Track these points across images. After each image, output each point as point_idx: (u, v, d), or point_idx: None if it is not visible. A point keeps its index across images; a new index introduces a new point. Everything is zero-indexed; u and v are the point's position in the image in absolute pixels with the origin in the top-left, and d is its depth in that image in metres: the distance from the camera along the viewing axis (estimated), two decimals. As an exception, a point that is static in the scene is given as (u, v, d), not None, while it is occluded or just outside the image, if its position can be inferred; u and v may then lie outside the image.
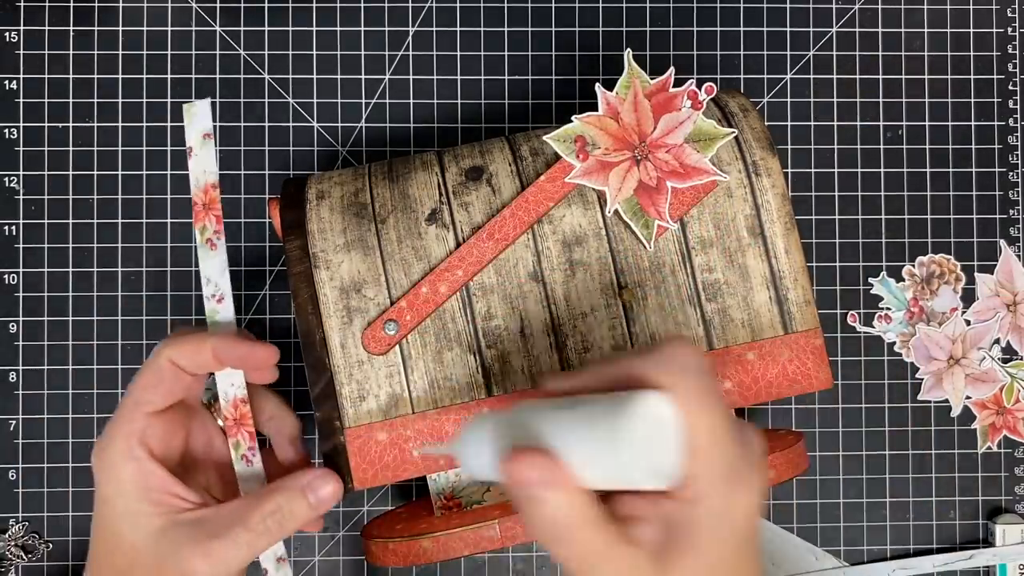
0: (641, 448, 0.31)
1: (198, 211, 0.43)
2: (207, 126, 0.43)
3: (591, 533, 0.33)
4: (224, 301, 0.43)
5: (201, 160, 0.43)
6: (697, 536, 0.33)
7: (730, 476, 0.33)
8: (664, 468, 0.32)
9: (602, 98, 0.43)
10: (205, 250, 0.43)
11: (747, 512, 0.33)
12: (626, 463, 0.31)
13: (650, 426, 0.31)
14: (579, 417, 0.32)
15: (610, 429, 0.31)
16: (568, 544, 0.33)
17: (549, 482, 0.32)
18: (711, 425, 0.32)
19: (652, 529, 0.33)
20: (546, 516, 0.33)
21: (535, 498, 0.33)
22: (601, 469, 0.32)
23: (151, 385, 0.41)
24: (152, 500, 0.40)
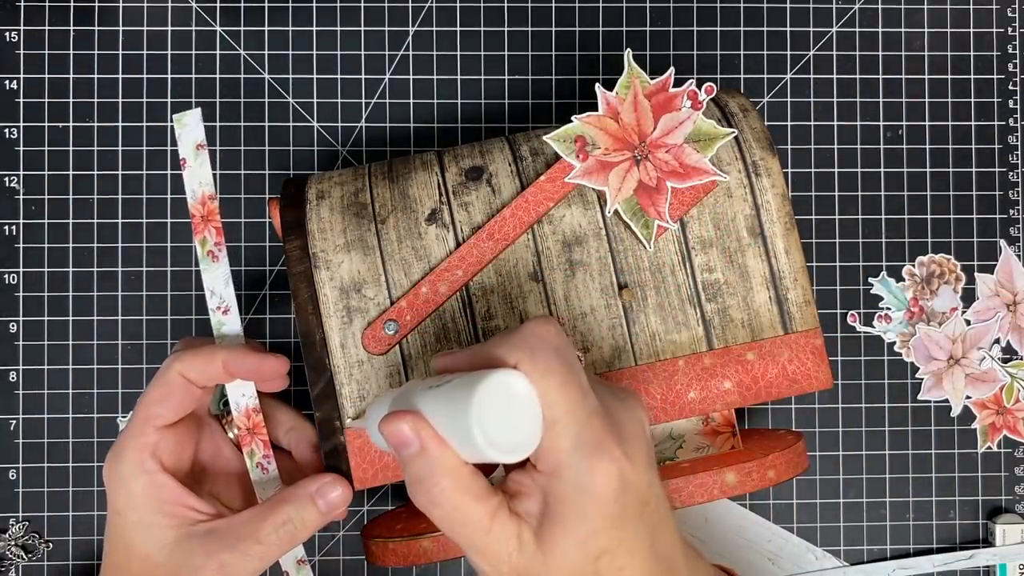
0: (491, 422, 0.32)
1: (197, 223, 0.43)
2: (199, 136, 0.43)
3: (470, 502, 0.33)
4: (230, 312, 0.43)
5: (196, 172, 0.43)
6: (563, 508, 0.33)
7: (588, 447, 0.32)
8: (518, 442, 0.32)
9: (602, 98, 0.43)
10: (207, 262, 0.43)
11: (610, 484, 0.32)
12: (476, 437, 0.31)
13: (501, 400, 0.32)
14: (442, 394, 0.34)
15: (464, 402, 0.32)
16: (442, 507, 0.33)
17: (420, 440, 0.33)
18: (563, 397, 0.33)
19: (533, 502, 0.34)
20: (422, 474, 0.34)
21: (410, 457, 0.34)
22: (462, 443, 0.33)
23: (162, 399, 0.41)
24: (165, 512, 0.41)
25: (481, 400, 0.32)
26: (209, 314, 0.43)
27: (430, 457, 0.33)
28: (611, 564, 0.33)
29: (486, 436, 0.31)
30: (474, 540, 0.33)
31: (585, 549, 0.33)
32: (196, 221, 0.43)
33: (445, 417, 0.33)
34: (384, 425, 0.34)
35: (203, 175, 0.43)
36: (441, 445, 0.33)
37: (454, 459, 0.33)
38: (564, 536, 0.33)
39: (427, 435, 0.33)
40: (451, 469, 0.33)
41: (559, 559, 0.33)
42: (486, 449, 0.31)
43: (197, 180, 0.43)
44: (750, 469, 0.41)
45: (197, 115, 0.43)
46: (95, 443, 0.53)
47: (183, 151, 0.43)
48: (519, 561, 0.33)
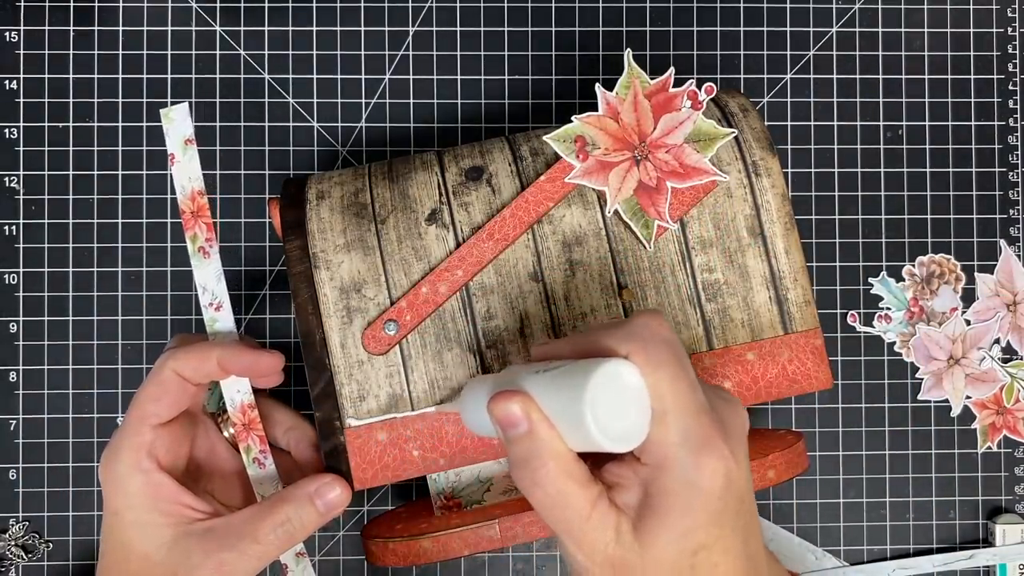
0: (603, 410, 0.32)
1: (187, 219, 0.43)
2: (188, 131, 0.43)
3: (574, 487, 0.33)
4: (223, 309, 0.43)
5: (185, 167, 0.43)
6: (667, 502, 0.33)
7: (696, 443, 0.33)
8: (627, 433, 0.32)
9: (602, 98, 0.43)
10: (199, 258, 0.43)
11: (716, 480, 0.33)
12: (588, 424, 0.31)
13: (612, 390, 0.32)
14: (553, 379, 0.34)
15: (576, 390, 0.32)
16: (545, 490, 0.33)
17: (528, 421, 0.33)
18: (673, 392, 0.33)
19: (632, 495, 0.34)
20: (528, 455, 0.33)
21: (517, 437, 0.34)
22: (571, 429, 0.33)
23: (156, 397, 0.41)
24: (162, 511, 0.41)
25: (595, 388, 0.32)
26: (202, 311, 0.43)
27: (537, 439, 0.33)
28: (707, 560, 0.33)
29: (598, 423, 0.32)
30: (572, 526, 0.33)
31: (684, 543, 0.33)
32: (186, 217, 0.43)
33: (554, 402, 0.33)
34: (494, 404, 0.34)
35: (192, 170, 0.43)
36: (550, 428, 0.33)
37: (561, 443, 0.33)
38: (664, 529, 0.33)
39: (536, 417, 0.33)
40: (558, 453, 0.33)
41: (657, 552, 0.33)
42: (597, 436, 0.31)
43: (186, 176, 0.43)
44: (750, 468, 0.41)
45: (184, 110, 0.43)
46: (95, 443, 0.53)
47: (171, 146, 0.43)
48: (615, 551, 0.33)
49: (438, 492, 0.45)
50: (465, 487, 0.45)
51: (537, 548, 0.54)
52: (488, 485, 0.45)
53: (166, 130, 0.43)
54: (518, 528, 0.41)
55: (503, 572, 0.54)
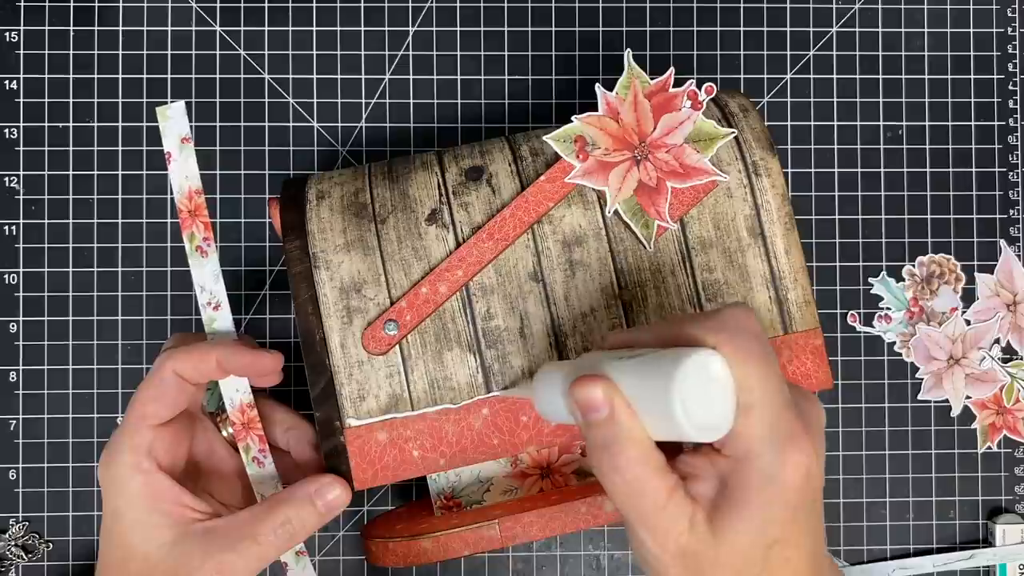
0: (691, 400, 0.32)
1: (184, 218, 0.43)
2: (184, 129, 0.43)
3: (653, 474, 0.33)
4: (221, 308, 0.43)
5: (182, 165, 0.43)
6: (747, 495, 0.33)
7: (781, 437, 0.33)
8: (714, 423, 0.32)
9: (602, 98, 0.43)
10: (196, 257, 0.43)
11: (798, 475, 0.33)
12: (677, 413, 0.32)
13: (701, 380, 0.32)
14: (637, 366, 0.34)
15: (664, 378, 0.32)
16: (624, 476, 0.33)
17: (610, 406, 0.33)
18: (761, 385, 0.33)
19: (708, 486, 0.34)
20: (608, 440, 0.33)
21: (597, 421, 0.34)
22: (655, 417, 0.33)
23: (156, 398, 0.41)
24: (162, 511, 0.40)
25: (684, 377, 0.32)
26: (200, 310, 0.43)
27: (619, 424, 0.33)
28: (780, 554, 0.33)
29: (687, 412, 0.32)
30: (647, 514, 0.33)
31: (760, 537, 0.33)
32: (183, 216, 0.43)
33: (639, 389, 0.33)
34: (576, 387, 0.34)
35: (189, 169, 0.43)
36: (632, 414, 0.33)
37: (641, 430, 0.33)
38: (741, 522, 0.33)
39: (619, 403, 0.33)
40: (638, 440, 0.33)
41: (731, 544, 0.33)
42: (684, 425, 0.32)
43: (183, 174, 0.43)
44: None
45: (181, 108, 0.43)
46: (95, 443, 0.53)
47: (168, 145, 0.43)
48: (688, 541, 0.33)
49: (438, 492, 0.45)
50: (465, 487, 0.45)
51: (537, 548, 0.54)
52: (488, 485, 0.45)
53: (163, 128, 0.42)
54: (518, 528, 0.41)
55: (503, 572, 0.54)
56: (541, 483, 0.45)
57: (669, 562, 0.34)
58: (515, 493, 0.45)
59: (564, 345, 0.42)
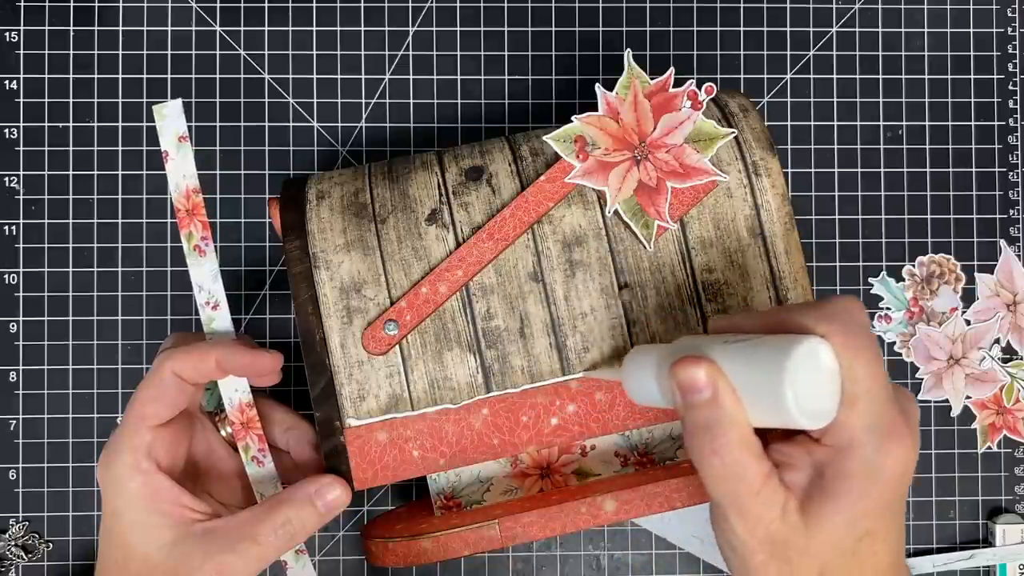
0: (801, 387, 0.32)
1: (182, 217, 0.43)
2: (181, 128, 0.43)
3: (751, 459, 0.33)
4: (219, 307, 0.43)
5: (179, 164, 0.42)
6: (844, 485, 0.33)
7: (884, 429, 0.33)
8: (821, 410, 0.33)
9: (602, 98, 0.43)
10: (194, 257, 0.43)
11: (898, 468, 0.33)
12: (787, 398, 0.32)
13: (811, 368, 0.32)
14: (744, 350, 0.34)
15: (774, 364, 0.32)
16: (723, 459, 0.33)
17: (714, 388, 0.33)
18: (868, 377, 0.33)
19: (802, 475, 0.34)
20: (709, 423, 0.33)
21: (698, 403, 0.34)
22: (759, 402, 0.33)
23: (155, 398, 0.41)
24: (162, 512, 0.40)
25: (796, 363, 0.32)
26: (199, 310, 0.43)
27: (722, 407, 0.33)
28: (870, 547, 0.33)
29: (796, 399, 0.32)
30: (741, 499, 0.34)
31: (852, 528, 0.33)
32: (181, 215, 0.43)
33: (744, 374, 0.33)
34: (679, 368, 0.34)
35: (187, 168, 0.43)
36: (735, 398, 0.33)
37: (742, 414, 0.33)
38: (835, 512, 0.33)
39: (723, 385, 0.33)
40: (740, 423, 0.33)
41: (823, 533, 0.33)
42: (793, 411, 0.32)
43: (181, 173, 0.43)
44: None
45: (178, 106, 0.43)
46: (95, 443, 0.53)
47: (164, 143, 0.42)
48: (778, 529, 0.33)
49: (438, 492, 0.45)
50: (465, 487, 0.45)
51: (537, 548, 0.54)
52: (488, 485, 0.45)
53: (159, 127, 0.42)
54: (518, 528, 0.41)
55: (503, 572, 0.54)
56: (541, 483, 0.45)
57: (756, 548, 0.34)
58: (515, 493, 0.45)
59: (564, 345, 0.42)
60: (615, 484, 0.42)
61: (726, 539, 0.35)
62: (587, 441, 0.45)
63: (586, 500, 0.41)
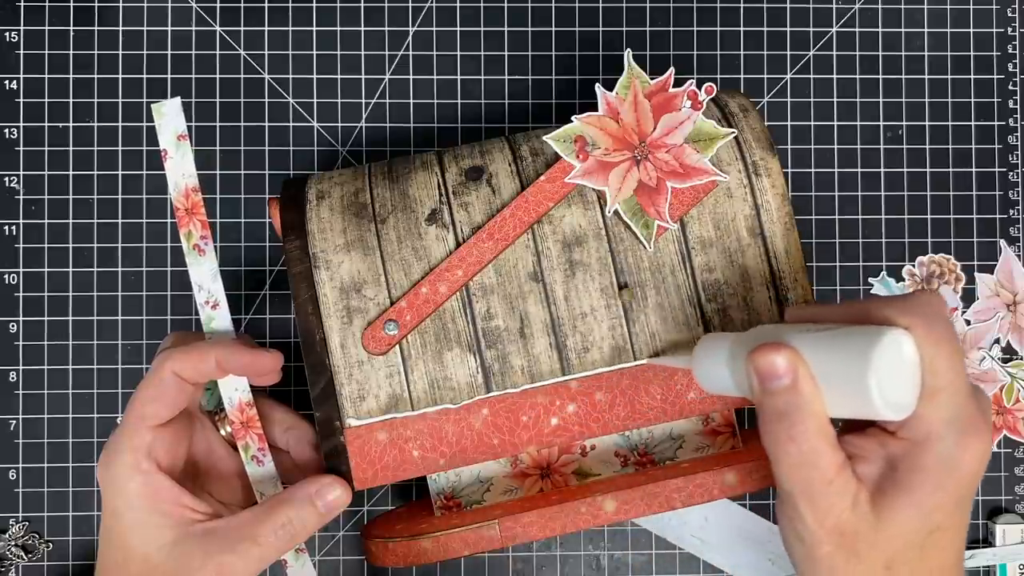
0: (884, 378, 0.32)
1: (181, 216, 0.43)
2: (180, 126, 0.42)
3: (827, 448, 0.33)
4: (219, 307, 0.43)
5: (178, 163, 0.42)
6: (920, 477, 0.33)
7: (963, 424, 0.33)
8: (902, 402, 0.33)
9: (602, 98, 0.43)
10: (194, 256, 0.43)
11: (974, 464, 0.33)
12: (871, 388, 0.32)
13: (894, 359, 0.32)
14: (825, 339, 0.34)
15: (858, 353, 0.32)
16: (800, 446, 0.33)
17: (793, 376, 0.33)
18: (949, 370, 0.33)
19: (874, 468, 0.34)
20: (788, 409, 0.33)
21: (777, 389, 0.34)
22: (839, 391, 0.33)
23: (155, 398, 0.41)
24: (162, 512, 0.40)
25: (881, 353, 0.32)
26: (198, 309, 0.43)
27: (801, 395, 0.33)
28: (939, 542, 0.33)
29: (880, 389, 0.32)
30: (814, 487, 0.34)
31: (924, 521, 0.33)
32: (180, 215, 0.43)
33: (825, 362, 0.33)
34: (759, 354, 0.34)
35: (186, 167, 0.42)
36: (814, 385, 0.33)
37: (820, 403, 0.34)
38: (908, 505, 0.33)
39: (803, 372, 0.33)
40: (818, 412, 0.33)
41: (893, 526, 0.33)
42: (877, 401, 0.32)
43: (180, 172, 0.42)
44: (750, 469, 0.41)
45: (177, 104, 0.42)
46: (95, 443, 0.53)
47: (163, 142, 0.42)
48: (848, 519, 0.33)
49: (438, 492, 0.45)
50: (465, 487, 0.45)
51: (537, 548, 0.54)
52: (488, 485, 0.45)
53: (158, 125, 0.42)
54: (518, 528, 0.41)
55: (503, 572, 0.54)
56: (541, 483, 0.45)
57: (824, 538, 0.34)
58: (515, 493, 0.45)
59: (564, 345, 0.42)
60: (615, 484, 0.42)
61: (793, 528, 0.35)
62: (587, 441, 0.45)
63: (586, 500, 0.41)
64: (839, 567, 0.34)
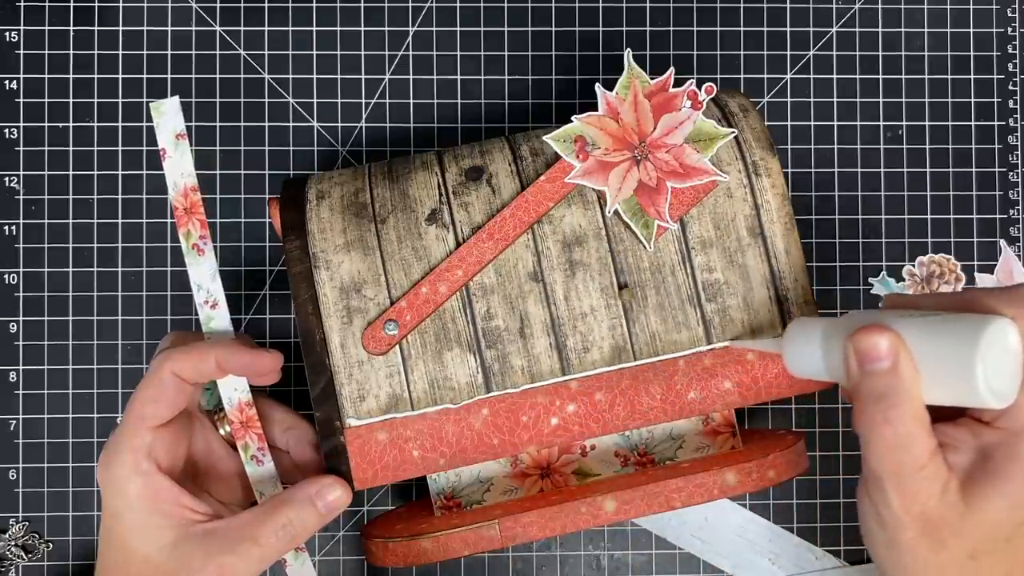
0: (991, 365, 0.32)
1: (180, 216, 0.42)
2: (179, 125, 0.42)
3: (923, 433, 0.33)
4: (218, 307, 0.43)
5: (177, 162, 0.42)
6: (1013, 468, 0.33)
7: None
8: (1006, 391, 0.33)
9: (602, 98, 0.43)
10: (193, 256, 0.43)
11: None
12: (977, 375, 0.32)
13: (999, 347, 0.33)
14: (930, 325, 0.34)
15: (965, 340, 0.32)
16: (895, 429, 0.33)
17: (894, 359, 0.33)
18: None
19: (964, 457, 0.34)
20: (886, 392, 0.33)
21: (876, 372, 0.34)
22: (944, 377, 0.33)
23: (155, 399, 0.41)
24: (163, 513, 0.40)
25: (989, 340, 0.32)
26: (197, 309, 0.43)
27: (901, 378, 0.33)
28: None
29: (986, 376, 0.32)
30: (904, 472, 0.34)
31: (1013, 513, 0.33)
32: (179, 214, 0.43)
33: (929, 347, 0.33)
34: (861, 335, 0.34)
35: (185, 166, 0.42)
36: (915, 370, 0.34)
37: (918, 388, 0.34)
38: (999, 495, 0.33)
39: (905, 356, 0.34)
40: (915, 396, 0.34)
41: (983, 515, 0.33)
42: (982, 389, 0.32)
43: (179, 171, 0.42)
44: (750, 469, 0.41)
45: (175, 103, 0.42)
46: (95, 443, 0.53)
47: (162, 141, 0.42)
48: (936, 507, 0.33)
49: (438, 492, 0.45)
50: (465, 487, 0.45)
51: (537, 548, 0.54)
52: (488, 485, 0.45)
53: (156, 124, 0.42)
54: (518, 528, 0.41)
55: (503, 572, 0.54)
56: (541, 483, 0.45)
57: (909, 524, 0.34)
58: (515, 493, 0.45)
59: (564, 345, 0.42)
60: (615, 484, 0.42)
61: (876, 513, 0.35)
62: (587, 441, 0.45)
63: (586, 500, 0.41)
64: (921, 554, 0.34)
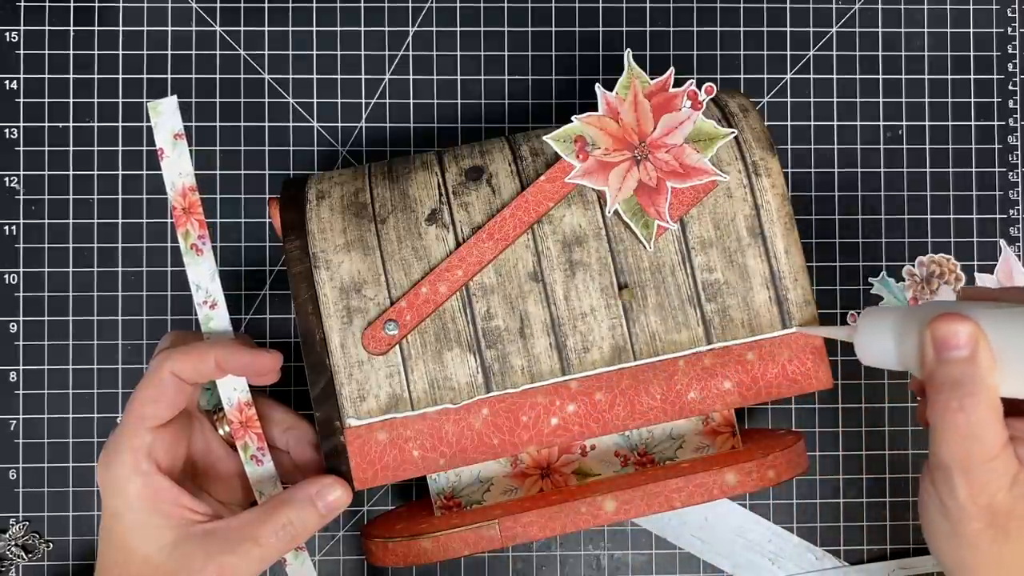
0: None
1: (179, 216, 0.42)
2: (177, 125, 0.42)
3: (996, 423, 0.34)
4: (217, 307, 0.43)
5: (175, 162, 0.42)
6: None
7: None
8: None
9: (602, 98, 0.43)
10: (192, 256, 0.42)
11: None
12: None
13: None
14: (1013, 316, 0.34)
15: None
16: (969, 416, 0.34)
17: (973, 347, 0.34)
18: None
19: None
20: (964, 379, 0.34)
21: (954, 359, 0.34)
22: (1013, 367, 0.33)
23: (154, 399, 0.41)
24: (162, 513, 0.40)
25: None
26: (196, 309, 0.43)
27: (978, 366, 0.34)
28: None
29: None
30: (974, 461, 0.34)
31: None
32: (178, 214, 0.42)
33: (1007, 338, 0.34)
34: (941, 322, 0.34)
35: (183, 166, 0.42)
36: (992, 360, 0.34)
37: (994, 378, 0.34)
38: None
39: (984, 345, 0.34)
40: (991, 386, 0.34)
41: None
42: None
43: (177, 171, 0.42)
44: (750, 469, 0.41)
45: (174, 103, 0.42)
46: (95, 443, 0.53)
47: (160, 141, 0.42)
48: (1003, 499, 0.34)
49: (438, 492, 0.45)
50: (465, 487, 0.45)
51: (537, 548, 0.54)
52: (488, 485, 0.45)
53: (154, 124, 0.42)
54: (518, 528, 0.41)
55: (503, 572, 0.54)
56: (541, 483, 0.45)
57: (975, 514, 0.34)
58: (515, 493, 0.45)
59: (564, 345, 0.42)
60: (615, 484, 0.42)
61: (940, 503, 0.35)
62: (587, 441, 0.45)
63: (586, 500, 0.41)
64: (984, 546, 0.34)
